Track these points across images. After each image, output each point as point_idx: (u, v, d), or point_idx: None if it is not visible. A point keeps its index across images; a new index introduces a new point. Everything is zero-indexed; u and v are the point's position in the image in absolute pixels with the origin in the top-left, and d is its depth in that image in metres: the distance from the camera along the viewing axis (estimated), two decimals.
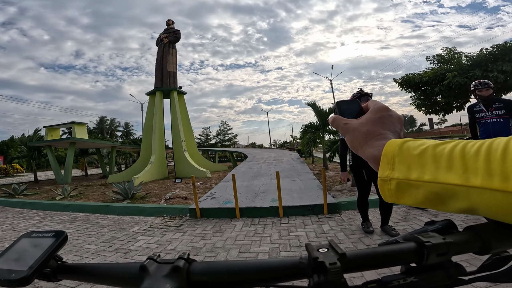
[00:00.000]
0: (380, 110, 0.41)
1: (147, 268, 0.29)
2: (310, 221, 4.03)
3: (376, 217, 3.92)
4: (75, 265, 0.35)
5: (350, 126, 0.41)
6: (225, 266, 0.30)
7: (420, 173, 0.29)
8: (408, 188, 0.31)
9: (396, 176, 0.31)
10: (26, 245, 0.35)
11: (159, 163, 13.13)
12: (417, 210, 4.12)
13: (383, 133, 0.38)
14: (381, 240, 2.58)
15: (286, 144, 56.05)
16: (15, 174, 25.99)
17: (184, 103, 15.77)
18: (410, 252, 0.27)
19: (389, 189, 0.32)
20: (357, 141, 0.40)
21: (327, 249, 0.28)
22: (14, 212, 6.50)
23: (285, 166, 11.08)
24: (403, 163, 0.31)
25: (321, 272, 0.25)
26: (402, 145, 0.32)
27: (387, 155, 0.33)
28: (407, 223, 3.59)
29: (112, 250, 3.37)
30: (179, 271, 0.29)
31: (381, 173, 0.33)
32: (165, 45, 14.99)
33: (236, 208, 4.51)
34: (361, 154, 0.39)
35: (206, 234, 3.77)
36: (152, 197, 6.98)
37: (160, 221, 4.64)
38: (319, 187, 5.86)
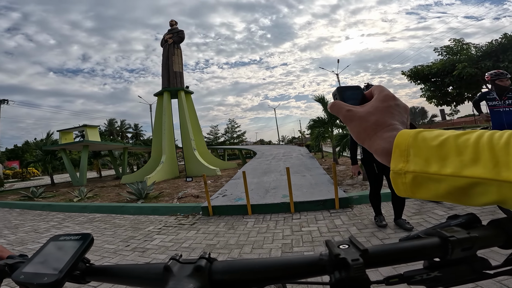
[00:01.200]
0: (387, 98, 0.38)
1: (170, 268, 0.30)
2: (322, 216, 4.05)
3: (389, 211, 3.90)
4: (102, 267, 0.37)
5: (355, 114, 0.38)
6: (246, 264, 0.31)
7: (441, 166, 0.28)
8: (426, 182, 0.29)
9: (412, 169, 0.30)
10: (55, 248, 0.37)
11: (170, 163, 13.32)
12: (432, 203, 4.07)
13: (392, 123, 0.36)
14: (394, 234, 2.58)
15: (295, 139, 55.77)
16: (31, 178, 26.75)
17: (192, 102, 15.90)
18: (434, 247, 0.27)
19: (404, 183, 0.31)
20: (364, 132, 0.37)
21: (348, 245, 0.28)
22: (34, 215, 6.75)
23: (295, 162, 11.08)
24: (420, 155, 0.29)
25: (343, 268, 0.25)
26: (417, 135, 0.31)
27: (399, 146, 0.31)
28: (421, 217, 3.57)
29: (130, 249, 3.48)
30: (201, 270, 0.30)
31: (393, 166, 0.31)
32: (170, 46, 15.11)
33: (247, 205, 4.57)
34: (368, 146, 0.37)
35: (219, 232, 3.84)
36: (164, 196, 7.12)
37: (174, 220, 4.74)
38: (329, 182, 5.86)
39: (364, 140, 0.37)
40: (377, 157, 0.36)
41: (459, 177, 0.26)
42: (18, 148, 30.30)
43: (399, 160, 0.31)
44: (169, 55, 14.99)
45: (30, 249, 3.87)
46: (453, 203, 0.33)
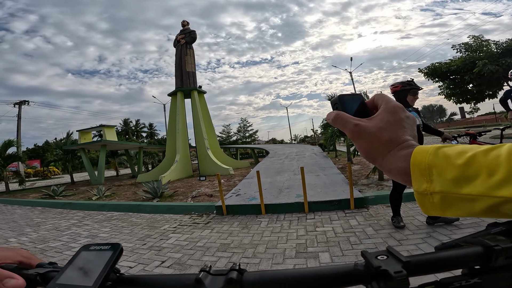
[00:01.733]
0: (397, 110, 0.36)
1: (202, 281, 0.30)
2: (337, 216, 4.00)
3: (406, 212, 3.81)
4: (132, 277, 0.37)
5: (364, 129, 0.35)
6: (278, 275, 0.30)
7: (473, 187, 0.26)
8: (456, 202, 0.28)
9: (439, 189, 0.28)
10: (86, 258, 0.37)
11: (183, 162, 13.52)
12: None
13: (406, 139, 0.33)
14: (412, 235, 2.52)
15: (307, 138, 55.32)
16: (52, 177, 27.81)
17: (205, 102, 16.05)
18: (476, 256, 0.26)
19: (432, 203, 0.29)
20: (376, 151, 0.34)
21: (387, 256, 0.27)
22: (55, 213, 7.02)
23: (308, 161, 10.99)
24: (444, 174, 0.28)
25: (383, 279, 0.25)
26: (436, 152, 0.29)
27: (418, 165, 0.30)
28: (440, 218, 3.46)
29: (146, 247, 3.55)
30: (233, 283, 0.30)
31: (416, 186, 0.30)
32: (182, 46, 15.29)
33: (261, 204, 4.57)
34: (381, 165, 0.34)
35: (233, 231, 3.86)
36: (179, 195, 7.23)
37: (189, 219, 4.81)
38: (344, 182, 5.77)
39: (375, 159, 0.35)
40: (392, 177, 0.34)
41: (497, 197, 0.25)
42: (39, 148, 31.48)
43: (421, 180, 0.30)
44: (182, 55, 15.17)
45: (52, 247, 4.03)
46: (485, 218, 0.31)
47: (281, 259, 2.78)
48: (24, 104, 23.71)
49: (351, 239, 3.09)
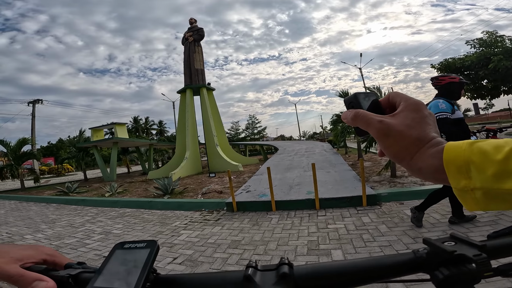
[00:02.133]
0: (420, 107, 0.34)
1: (252, 277, 0.29)
2: (349, 213, 3.94)
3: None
4: (171, 276, 0.34)
5: (391, 127, 0.33)
6: (331, 267, 0.29)
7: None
8: (500, 196, 0.27)
9: (480, 185, 0.28)
10: (122, 258, 0.35)
11: (193, 159, 13.62)
12: None
13: (434, 136, 0.33)
14: (428, 233, 2.44)
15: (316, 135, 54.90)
16: (66, 174, 28.51)
17: (214, 99, 16.09)
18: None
19: (474, 198, 0.29)
20: (405, 151, 0.33)
21: (454, 242, 0.27)
22: (69, 209, 7.19)
23: (318, 158, 10.89)
24: (484, 170, 0.27)
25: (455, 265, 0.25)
26: (471, 148, 0.28)
27: (454, 162, 0.29)
28: None
29: (159, 244, 3.59)
30: (287, 277, 0.28)
31: (455, 184, 0.29)
32: (191, 44, 15.34)
33: (271, 201, 4.55)
34: (409, 165, 0.33)
35: (243, 228, 3.86)
36: (189, 192, 7.29)
37: (199, 215, 4.84)
38: (355, 179, 5.69)
39: (403, 159, 0.33)
40: (422, 176, 0.33)
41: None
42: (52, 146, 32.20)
43: (459, 177, 0.29)
44: (190, 53, 15.23)
45: (67, 243, 4.12)
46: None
47: (292, 256, 2.76)
48: (37, 103, 24.31)
49: (364, 237, 3.03)
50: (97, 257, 3.38)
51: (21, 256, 0.36)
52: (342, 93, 10.61)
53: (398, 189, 4.76)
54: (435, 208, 3.71)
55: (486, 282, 1.94)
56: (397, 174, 6.05)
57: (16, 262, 0.35)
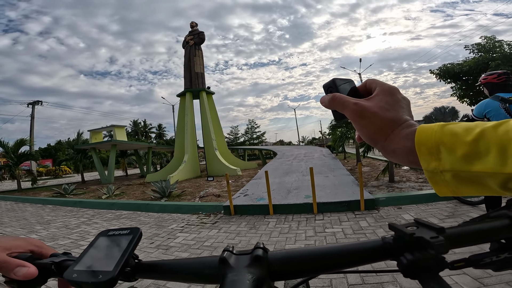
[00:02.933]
0: (394, 91, 0.35)
1: (226, 260, 0.29)
2: (346, 217, 3.92)
3: (418, 214, 3.71)
4: (152, 263, 0.35)
5: (366, 108, 0.34)
6: (303, 252, 0.29)
7: (485, 164, 0.25)
8: (469, 179, 0.27)
9: (449, 167, 0.27)
10: (104, 244, 0.36)
11: (192, 162, 13.58)
12: (466, 206, 3.83)
13: (407, 119, 0.33)
14: None
15: (315, 140, 54.98)
16: (63, 176, 28.36)
17: (213, 103, 16.12)
18: (504, 228, 0.27)
19: (444, 181, 0.28)
20: (380, 132, 0.33)
21: (417, 226, 0.27)
22: (65, 211, 7.13)
23: (317, 162, 10.88)
24: (454, 152, 0.27)
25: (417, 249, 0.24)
26: (442, 130, 0.28)
27: (425, 143, 0.29)
28: (455, 220, 3.35)
29: (154, 246, 3.55)
30: (260, 260, 0.28)
31: (425, 165, 0.29)
32: (191, 47, 15.40)
33: (269, 204, 4.53)
34: (383, 146, 0.33)
35: (240, 231, 3.83)
36: (187, 195, 7.25)
37: (196, 218, 4.80)
38: (354, 183, 5.68)
39: (378, 141, 0.34)
40: (395, 158, 0.33)
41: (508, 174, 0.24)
42: (51, 147, 32.07)
43: (429, 159, 0.29)
44: (191, 56, 15.29)
45: (61, 244, 4.07)
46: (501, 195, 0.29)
47: None
48: (37, 104, 24.31)
49: (362, 240, 3.01)
50: None
51: (9, 245, 0.38)
52: None
53: (396, 193, 4.74)
54: (432, 213, 3.70)
55: None
56: (395, 179, 6.04)
57: (3, 251, 0.36)
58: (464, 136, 0.27)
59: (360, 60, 28.09)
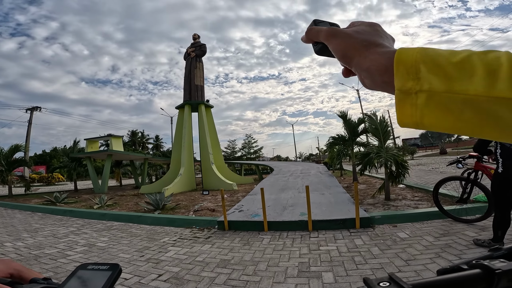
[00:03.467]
0: (375, 24, 0.34)
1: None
2: (341, 235, 3.87)
3: (413, 232, 3.67)
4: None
5: (340, 30, 0.33)
6: None
7: (470, 85, 0.23)
8: (445, 104, 0.25)
9: (427, 87, 0.25)
10: (84, 278, 0.36)
11: (187, 175, 13.47)
12: (462, 224, 3.82)
13: (384, 44, 0.31)
14: (420, 256, 2.40)
15: (312, 156, 55.07)
16: (56, 183, 27.82)
17: (211, 116, 16.20)
18: (477, 279, 0.27)
19: (413, 105, 0.26)
20: (353, 49, 0.32)
21: (389, 283, 0.26)
22: (55, 219, 6.96)
23: (313, 179, 10.85)
24: (436, 71, 0.25)
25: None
26: (426, 50, 0.26)
27: (404, 62, 0.26)
28: (450, 238, 3.32)
29: (144, 260, 3.46)
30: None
31: (400, 84, 0.26)
32: (192, 59, 15.56)
33: (264, 221, 4.47)
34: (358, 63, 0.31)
35: (234, 247, 3.75)
36: (181, 209, 7.14)
37: (189, 232, 4.71)
38: (349, 201, 5.64)
39: (352, 58, 0.32)
40: (368, 78, 0.30)
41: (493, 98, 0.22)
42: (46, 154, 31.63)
43: (407, 78, 0.26)
44: (191, 69, 15.44)
45: (47, 253, 3.95)
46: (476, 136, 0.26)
47: (282, 278, 2.66)
48: (36, 110, 24.32)
49: (356, 259, 2.96)
50: None
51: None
52: (342, 114, 10.60)
53: (391, 212, 4.73)
54: (428, 231, 3.68)
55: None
56: (391, 197, 6.02)
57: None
58: (450, 57, 0.25)
59: None
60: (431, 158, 22.07)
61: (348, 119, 10.43)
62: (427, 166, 13.86)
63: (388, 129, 6.79)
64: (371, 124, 6.96)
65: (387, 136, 6.67)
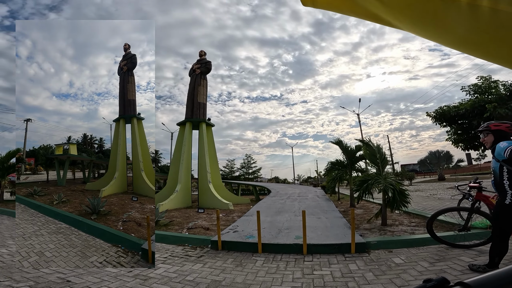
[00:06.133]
0: None
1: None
2: (336, 259, 3.79)
3: (409, 257, 3.60)
4: None
5: None
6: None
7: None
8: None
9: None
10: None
11: (184, 192, 13.32)
12: (457, 250, 3.78)
13: None
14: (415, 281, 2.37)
15: (310, 179, 54.75)
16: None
17: (212, 135, 16.29)
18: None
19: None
20: None
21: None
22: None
23: (310, 203, 10.74)
24: None
25: None
26: None
27: None
28: (446, 263, 3.27)
29: (132, 275, 3.37)
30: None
31: None
32: (197, 76, 15.75)
33: (258, 242, 4.39)
34: None
35: (226, 268, 3.66)
36: (174, 225, 7.01)
37: (181, 250, 4.61)
38: (346, 226, 5.57)
39: None
40: None
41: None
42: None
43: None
44: (195, 85, 15.62)
45: None
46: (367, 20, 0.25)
47: None
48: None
49: (350, 284, 2.89)
50: None
51: None
52: (338, 141, 10.69)
53: (388, 237, 4.66)
54: (423, 257, 3.62)
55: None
56: (388, 223, 5.94)
57: None
58: None
59: (359, 100, 28.50)
60: (429, 184, 21.89)
61: (345, 145, 10.48)
62: (425, 192, 13.75)
63: (386, 156, 6.80)
64: (368, 151, 6.97)
65: (385, 163, 6.66)
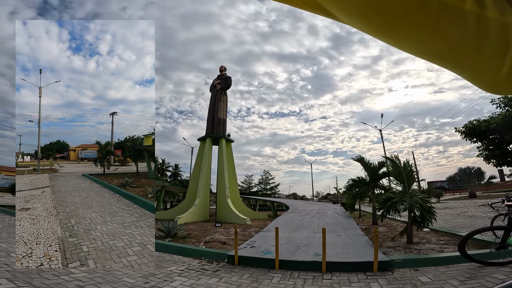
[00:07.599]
0: None
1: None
2: (357, 278, 3.60)
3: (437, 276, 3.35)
4: None
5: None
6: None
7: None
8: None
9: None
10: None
11: (202, 206, 13.39)
12: (490, 267, 3.48)
13: None
14: None
15: (330, 196, 53.25)
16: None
17: (231, 151, 16.42)
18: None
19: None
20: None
21: None
22: None
23: (330, 220, 10.42)
24: None
25: None
26: None
27: None
28: (478, 281, 3.01)
29: (148, 287, 3.37)
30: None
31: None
32: (218, 92, 16.06)
33: (276, 259, 4.28)
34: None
35: (242, 283, 3.59)
36: (192, 238, 7.02)
37: (198, 264, 4.58)
38: (367, 244, 5.32)
39: None
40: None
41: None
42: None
43: None
44: (216, 101, 15.93)
45: None
46: None
47: None
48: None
49: None
50: None
51: None
52: (359, 158, 10.34)
53: (413, 255, 4.41)
54: (453, 275, 3.37)
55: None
56: (414, 241, 5.58)
57: None
58: None
59: (381, 116, 27.63)
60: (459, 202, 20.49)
61: (367, 162, 10.14)
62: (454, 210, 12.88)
63: (413, 174, 6.46)
64: (394, 169, 6.65)
65: (412, 181, 6.31)
